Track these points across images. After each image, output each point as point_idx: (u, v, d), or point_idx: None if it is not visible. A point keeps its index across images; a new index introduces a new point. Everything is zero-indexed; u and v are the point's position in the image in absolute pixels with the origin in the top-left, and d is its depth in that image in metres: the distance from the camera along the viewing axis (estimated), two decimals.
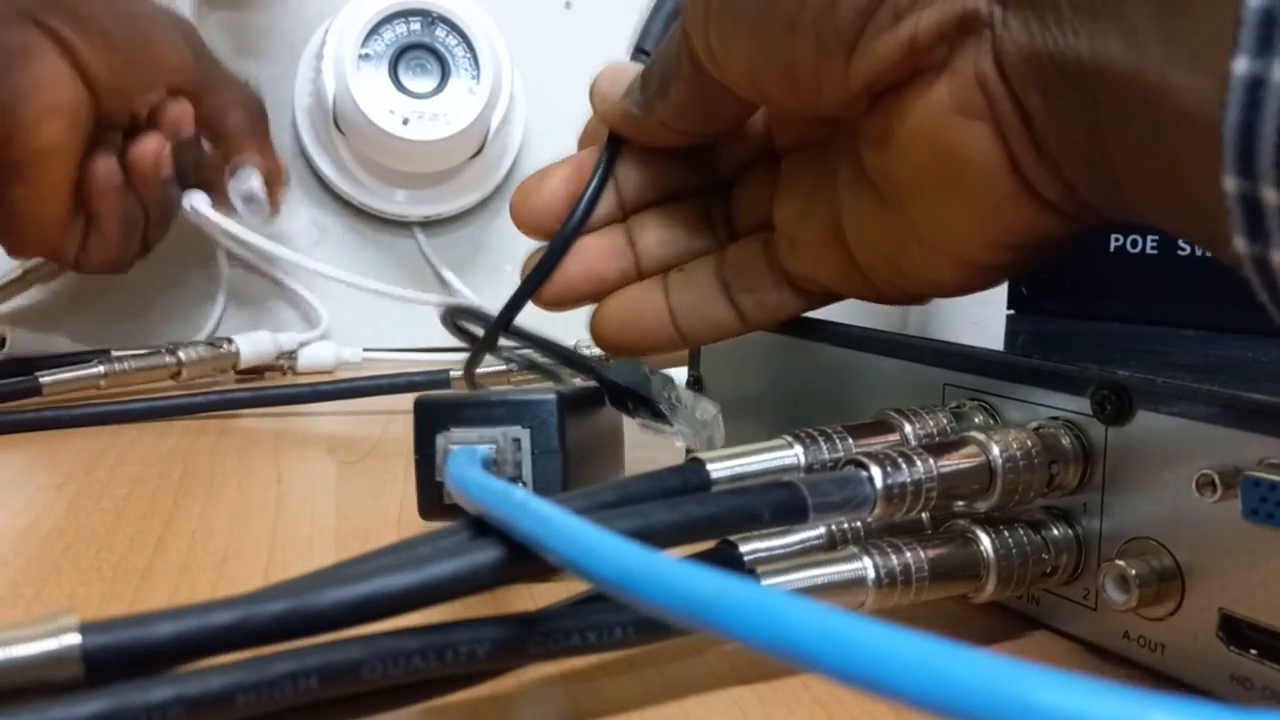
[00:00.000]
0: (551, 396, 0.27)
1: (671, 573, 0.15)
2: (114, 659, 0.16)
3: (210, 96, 0.52)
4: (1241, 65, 0.17)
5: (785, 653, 0.13)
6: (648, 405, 0.32)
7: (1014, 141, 0.23)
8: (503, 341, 0.34)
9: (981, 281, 0.28)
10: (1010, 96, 0.23)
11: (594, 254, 0.31)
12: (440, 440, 0.27)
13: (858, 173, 0.28)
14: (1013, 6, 0.22)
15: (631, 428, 0.33)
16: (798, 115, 0.30)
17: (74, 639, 0.16)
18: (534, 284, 0.32)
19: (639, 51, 0.33)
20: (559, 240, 0.31)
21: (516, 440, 0.27)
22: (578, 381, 0.34)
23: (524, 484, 0.27)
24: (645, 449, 0.33)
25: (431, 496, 0.27)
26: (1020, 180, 0.24)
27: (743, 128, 0.31)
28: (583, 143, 0.34)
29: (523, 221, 0.32)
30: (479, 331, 0.34)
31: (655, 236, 0.32)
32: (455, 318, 0.36)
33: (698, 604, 0.14)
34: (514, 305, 0.33)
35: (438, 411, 0.27)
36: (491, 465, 0.26)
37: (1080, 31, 0.21)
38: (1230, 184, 0.18)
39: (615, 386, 0.32)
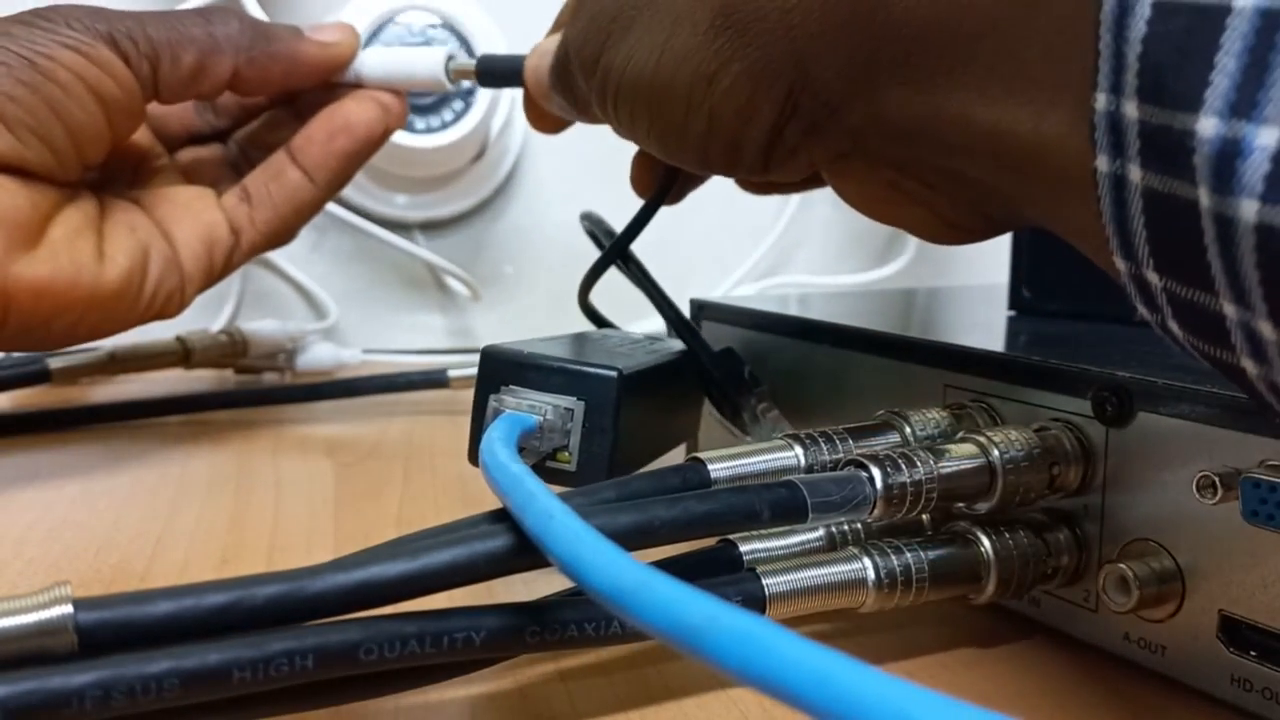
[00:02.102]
0: (613, 374, 0.26)
1: (665, 594, 0.14)
2: (109, 632, 0.16)
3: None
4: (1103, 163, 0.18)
5: (772, 689, 0.12)
6: (733, 405, 0.31)
7: (933, 203, 0.25)
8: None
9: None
10: (910, 178, 0.25)
11: None
12: (492, 401, 0.26)
13: None
14: (883, 136, 0.24)
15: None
16: None
17: (67, 609, 0.16)
18: (655, 206, 0.33)
19: None
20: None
21: (569, 410, 0.26)
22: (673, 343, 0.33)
23: (570, 454, 0.26)
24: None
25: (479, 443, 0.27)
26: (952, 221, 0.25)
27: None
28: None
29: None
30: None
31: None
32: (591, 224, 0.36)
33: (687, 630, 0.14)
34: (635, 227, 0.33)
35: (503, 364, 0.27)
36: (537, 434, 0.26)
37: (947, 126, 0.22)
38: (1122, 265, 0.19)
39: (708, 374, 0.32)
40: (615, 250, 0.34)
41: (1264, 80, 0.15)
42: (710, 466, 0.23)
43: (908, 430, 0.25)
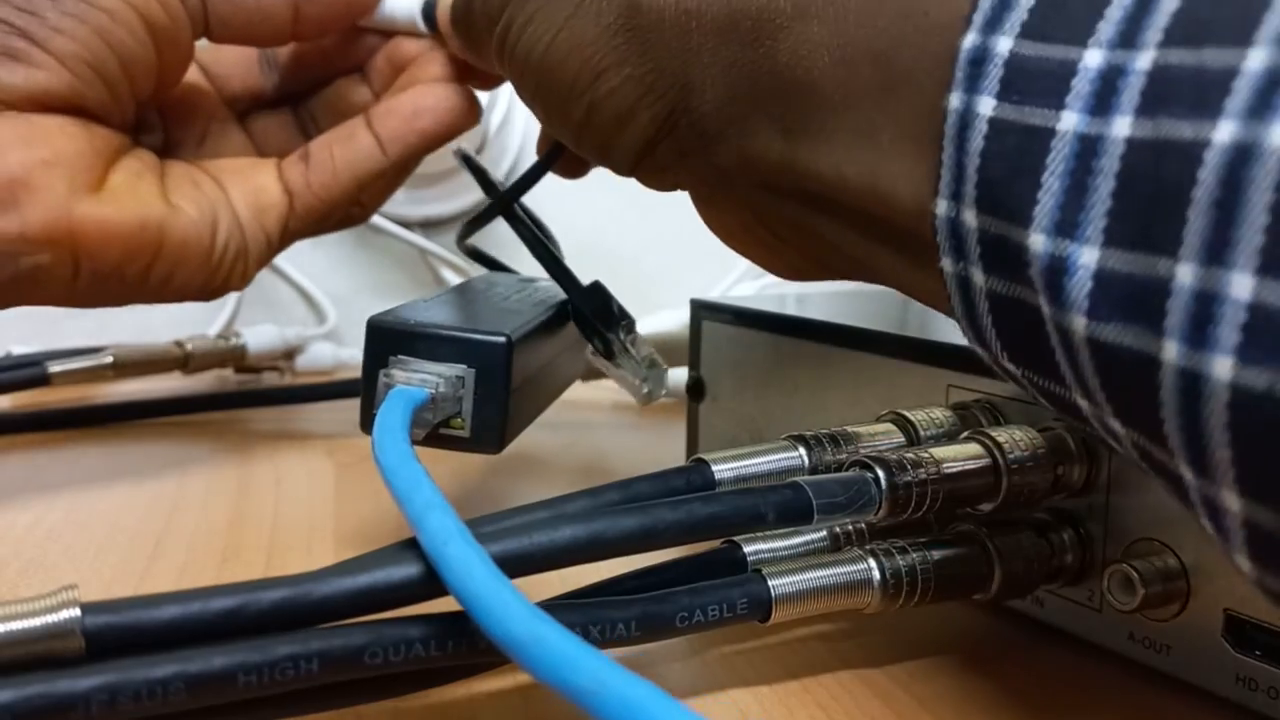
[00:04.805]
0: (502, 339, 0.26)
1: (557, 649, 0.15)
2: (115, 636, 0.16)
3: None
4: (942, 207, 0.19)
5: None
6: (603, 339, 0.32)
7: (781, 251, 0.27)
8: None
9: None
10: (764, 226, 0.26)
11: None
12: (382, 377, 0.26)
13: None
14: (749, 180, 0.25)
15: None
16: None
17: (74, 613, 0.16)
18: (542, 168, 0.33)
19: None
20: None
21: (460, 379, 0.26)
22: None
23: (463, 420, 0.26)
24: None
25: (371, 417, 0.26)
26: (798, 268, 0.27)
27: None
28: None
29: None
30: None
31: None
32: (469, 162, 0.36)
33: (576, 690, 0.14)
34: (523, 183, 0.33)
35: (390, 335, 0.26)
36: (430, 406, 0.25)
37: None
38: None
39: (579, 311, 0.32)
40: (501, 203, 0.34)
41: (1083, 202, 0.16)
42: (714, 468, 0.23)
43: (912, 431, 0.25)
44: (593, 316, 0.32)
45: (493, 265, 0.39)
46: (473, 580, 0.16)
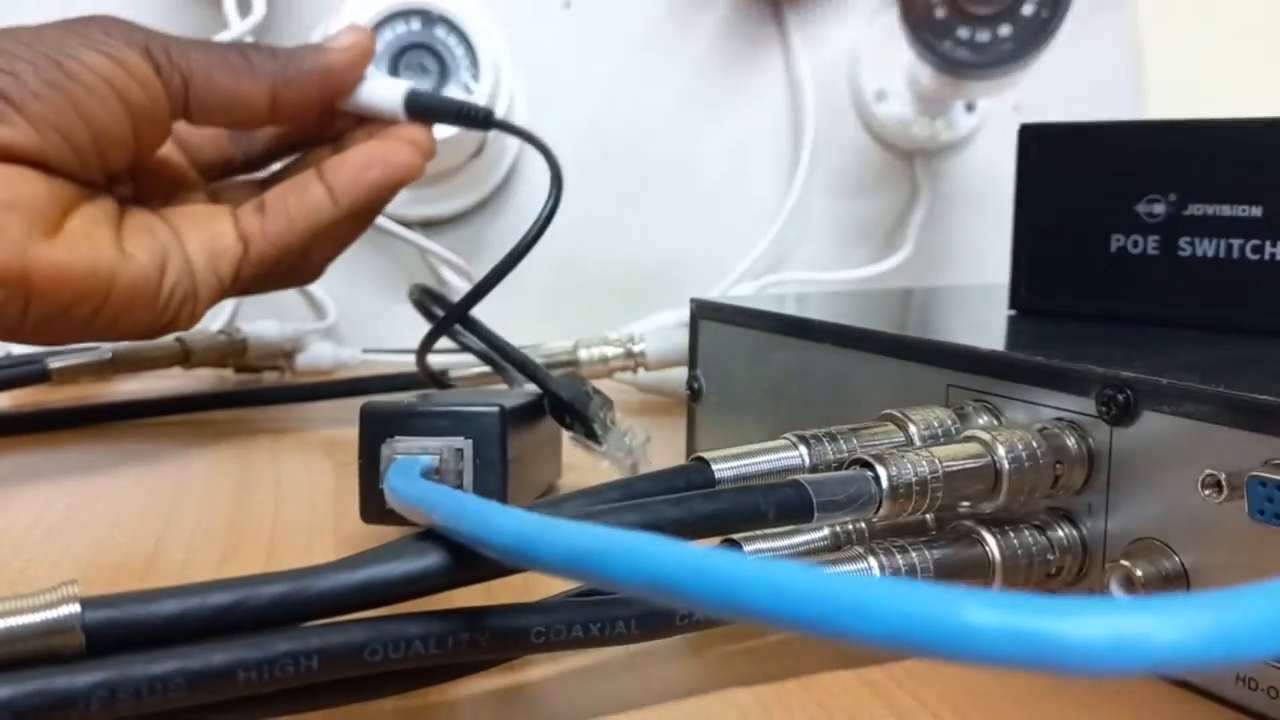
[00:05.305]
0: (494, 409, 0.28)
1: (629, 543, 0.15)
2: (115, 631, 0.16)
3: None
4: None
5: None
6: (583, 422, 0.33)
7: None
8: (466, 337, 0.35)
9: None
10: None
11: None
12: (385, 449, 0.27)
13: None
14: None
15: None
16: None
17: (75, 609, 0.16)
18: (501, 274, 0.34)
19: None
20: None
21: (459, 451, 0.27)
22: (527, 387, 0.35)
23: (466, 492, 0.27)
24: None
25: (373, 501, 0.28)
26: None
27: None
28: None
29: None
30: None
31: None
32: (422, 297, 0.37)
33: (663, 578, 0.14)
34: (475, 294, 0.34)
35: (384, 419, 0.28)
36: (434, 475, 0.27)
37: None
38: None
39: (557, 399, 0.33)
40: (445, 322, 0.36)
41: None
42: (715, 466, 0.23)
43: (911, 430, 0.25)
44: (572, 402, 0.33)
45: (444, 386, 0.42)
46: (516, 522, 0.17)
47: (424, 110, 0.41)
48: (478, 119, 0.42)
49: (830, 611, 0.12)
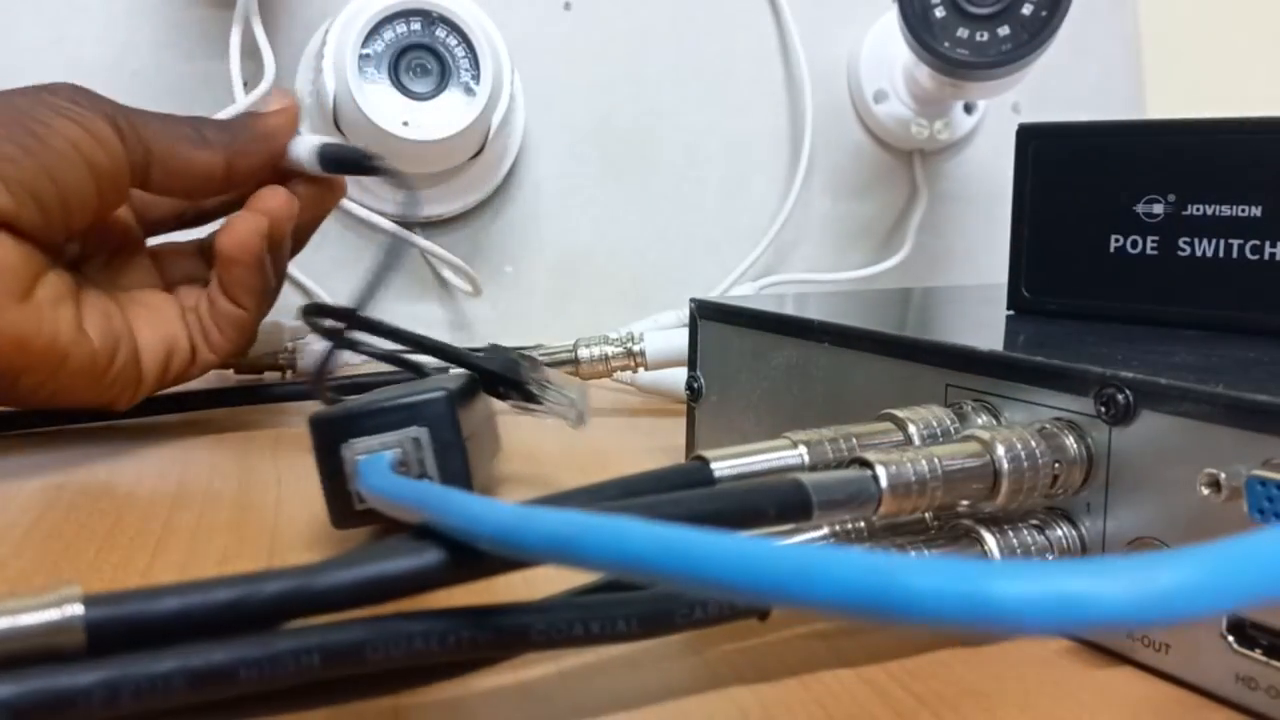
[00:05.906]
0: (441, 393, 0.28)
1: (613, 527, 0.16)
2: (116, 630, 0.16)
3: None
4: None
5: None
6: (519, 388, 0.33)
7: None
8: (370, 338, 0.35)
9: None
10: None
11: None
12: (345, 452, 0.27)
13: None
14: None
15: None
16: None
17: (77, 609, 0.16)
18: (386, 269, 0.34)
19: None
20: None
21: (416, 440, 0.28)
22: (452, 371, 0.35)
23: (431, 479, 0.28)
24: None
25: (343, 506, 0.28)
26: None
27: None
28: None
29: None
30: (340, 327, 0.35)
31: None
32: (311, 314, 0.36)
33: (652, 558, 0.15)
34: (366, 295, 0.34)
35: (335, 425, 0.28)
36: (399, 467, 0.27)
37: None
38: None
39: (489, 373, 0.33)
40: (338, 333, 0.36)
41: None
42: (714, 465, 0.23)
43: (911, 429, 0.25)
44: (503, 372, 0.33)
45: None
46: (503, 514, 0.17)
47: (333, 161, 0.44)
48: (364, 165, 0.43)
49: (782, 579, 0.12)
